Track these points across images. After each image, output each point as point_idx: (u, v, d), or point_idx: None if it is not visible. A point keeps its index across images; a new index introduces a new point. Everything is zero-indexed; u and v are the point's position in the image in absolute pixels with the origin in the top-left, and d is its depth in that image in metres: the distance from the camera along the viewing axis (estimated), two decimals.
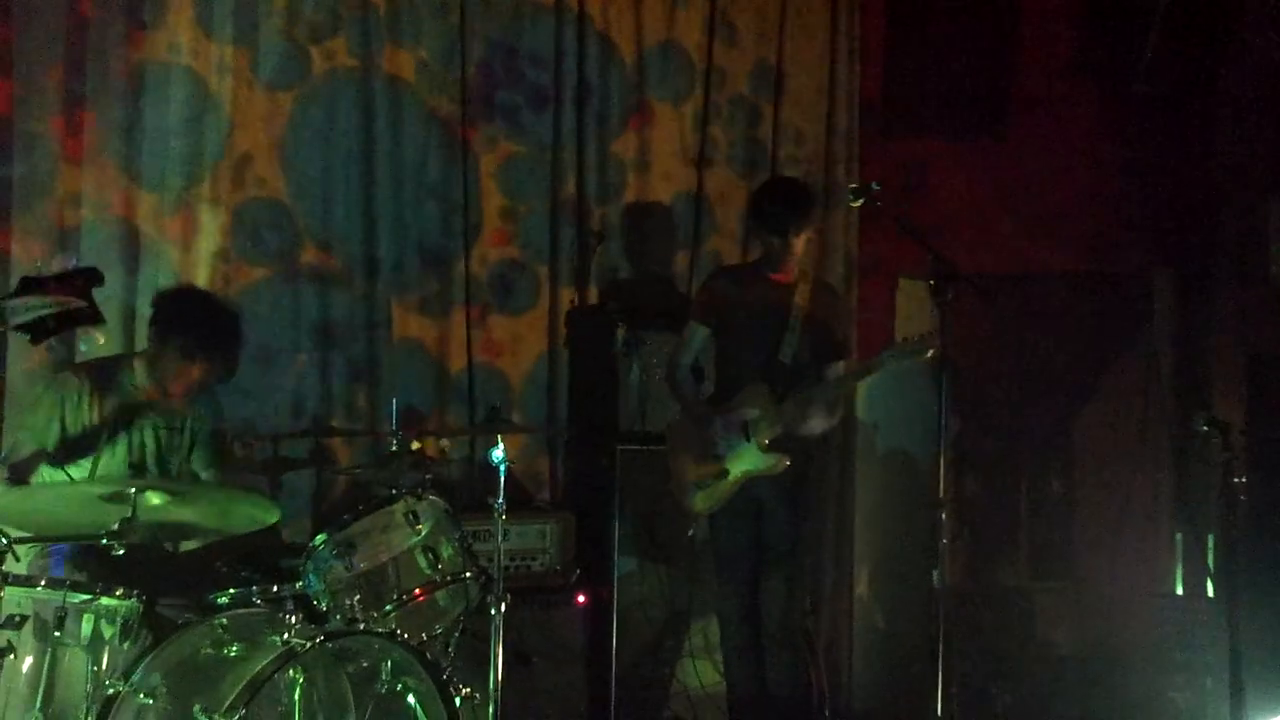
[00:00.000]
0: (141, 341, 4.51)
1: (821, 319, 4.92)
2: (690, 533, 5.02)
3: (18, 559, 3.55)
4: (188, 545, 4.18)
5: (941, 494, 4.14)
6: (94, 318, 2.57)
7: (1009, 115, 6.10)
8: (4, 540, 3.43)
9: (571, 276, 5.58)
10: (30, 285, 2.52)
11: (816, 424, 4.87)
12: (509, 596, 4.18)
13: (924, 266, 4.30)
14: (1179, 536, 5.75)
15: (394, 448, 4.31)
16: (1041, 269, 6.01)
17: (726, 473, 4.81)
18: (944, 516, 4.14)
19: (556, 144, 5.54)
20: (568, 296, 5.56)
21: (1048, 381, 6.10)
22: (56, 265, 2.58)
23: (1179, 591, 5.69)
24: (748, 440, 4.79)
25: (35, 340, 2.56)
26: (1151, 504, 5.99)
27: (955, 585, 5.92)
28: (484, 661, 4.14)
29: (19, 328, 2.51)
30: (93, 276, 2.57)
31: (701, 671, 5.36)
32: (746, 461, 4.80)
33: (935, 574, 4.16)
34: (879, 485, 6.12)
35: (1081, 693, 5.46)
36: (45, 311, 2.52)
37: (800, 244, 4.91)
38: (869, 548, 6.09)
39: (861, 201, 4.43)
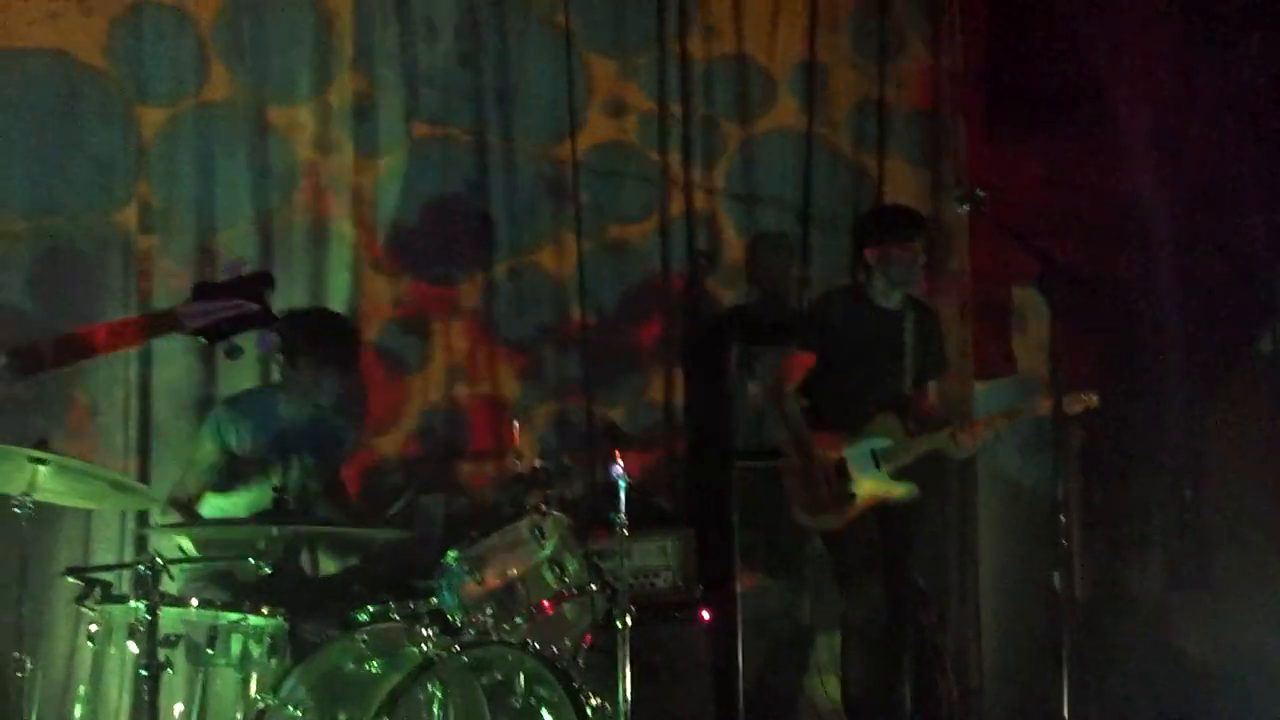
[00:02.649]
0: None
1: (925, 341, 5.24)
2: (814, 546, 5.22)
3: (172, 578, 3.89)
4: (327, 567, 4.52)
5: (1060, 496, 4.29)
6: (267, 319, 2.78)
7: (1114, 112, 6.19)
8: (159, 562, 3.77)
9: (683, 293, 5.83)
10: (204, 291, 2.76)
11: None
12: (634, 610, 4.40)
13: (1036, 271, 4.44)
14: None
15: (518, 467, 4.60)
16: (1158, 269, 6.08)
17: (853, 497, 5.03)
18: (1062, 519, 4.28)
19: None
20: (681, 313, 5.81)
21: (1172, 385, 6.16)
22: (228, 270, 2.79)
23: None
24: (877, 468, 5.03)
25: (211, 342, 2.75)
26: None
27: (1088, 596, 6.02)
28: (611, 677, 4.36)
29: (196, 332, 2.72)
30: (263, 279, 2.80)
31: (828, 685, 5.51)
32: (875, 488, 5.04)
33: (1056, 577, 4.29)
34: (1003, 496, 6.23)
35: (1223, 702, 5.49)
36: (219, 315, 2.73)
37: (921, 257, 5.15)
38: (995, 558, 6.19)
39: (967, 207, 4.62)
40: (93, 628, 3.97)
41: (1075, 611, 5.73)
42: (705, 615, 5.20)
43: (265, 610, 4.00)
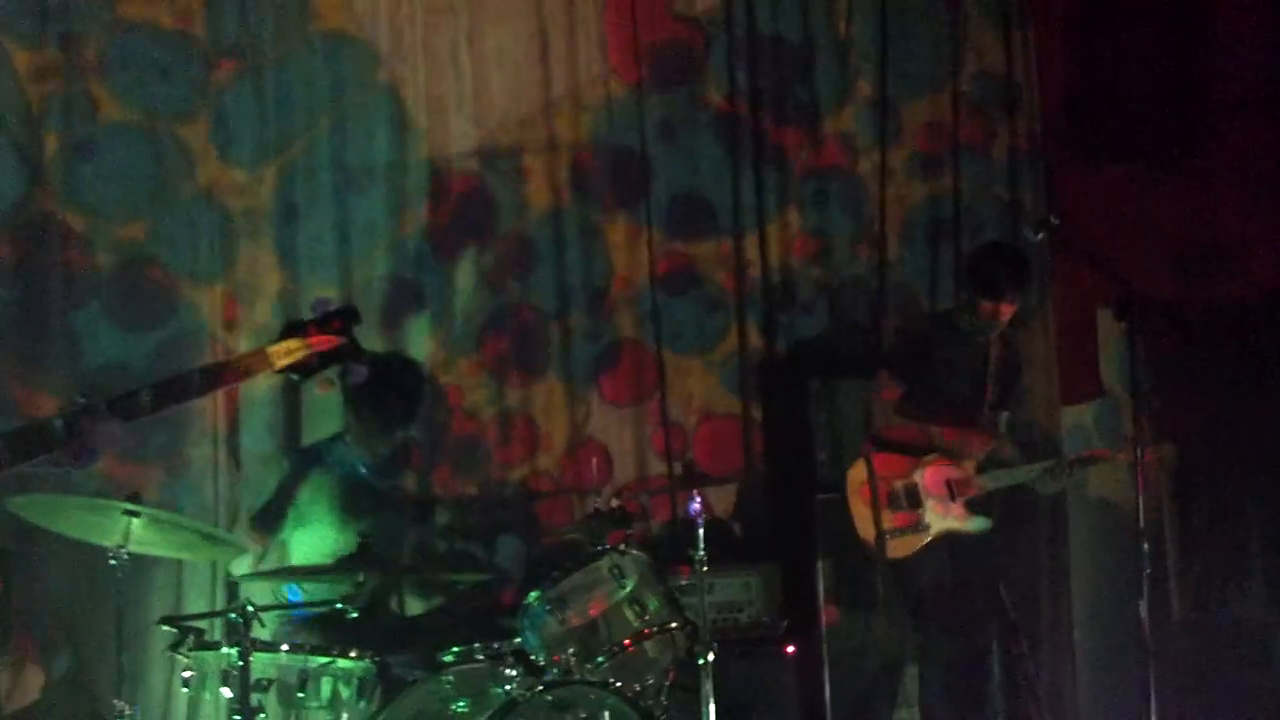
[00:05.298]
0: None
1: (1007, 372, 5.27)
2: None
3: (263, 625, 4.08)
4: (413, 608, 4.70)
5: (1141, 523, 4.32)
6: (356, 354, 2.94)
7: (1205, 134, 6.19)
8: (251, 608, 3.97)
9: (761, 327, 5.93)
10: (293, 329, 2.94)
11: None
12: (716, 646, 4.50)
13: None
14: None
15: (596, 506, 4.74)
16: (1246, 294, 6.07)
17: (927, 527, 5.08)
18: (1146, 546, 4.32)
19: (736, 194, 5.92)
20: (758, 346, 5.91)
21: (1267, 404, 6.14)
22: (316, 308, 2.97)
23: None
24: (952, 499, 5.07)
25: (304, 379, 2.92)
26: None
27: (1187, 618, 6.01)
28: (695, 713, 4.45)
29: (287, 370, 2.89)
30: (350, 315, 2.96)
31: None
32: (949, 521, 5.08)
33: (1142, 605, 4.33)
34: (1094, 521, 6.24)
35: None
36: (309, 351, 2.90)
37: (1010, 312, 5.14)
38: (1087, 585, 6.21)
39: (1042, 235, 4.66)
40: (187, 674, 4.15)
41: (1173, 636, 5.75)
42: (790, 649, 5.29)
43: (354, 653, 4.17)
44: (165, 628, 4.19)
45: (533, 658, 4.36)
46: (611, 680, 4.25)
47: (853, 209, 6.08)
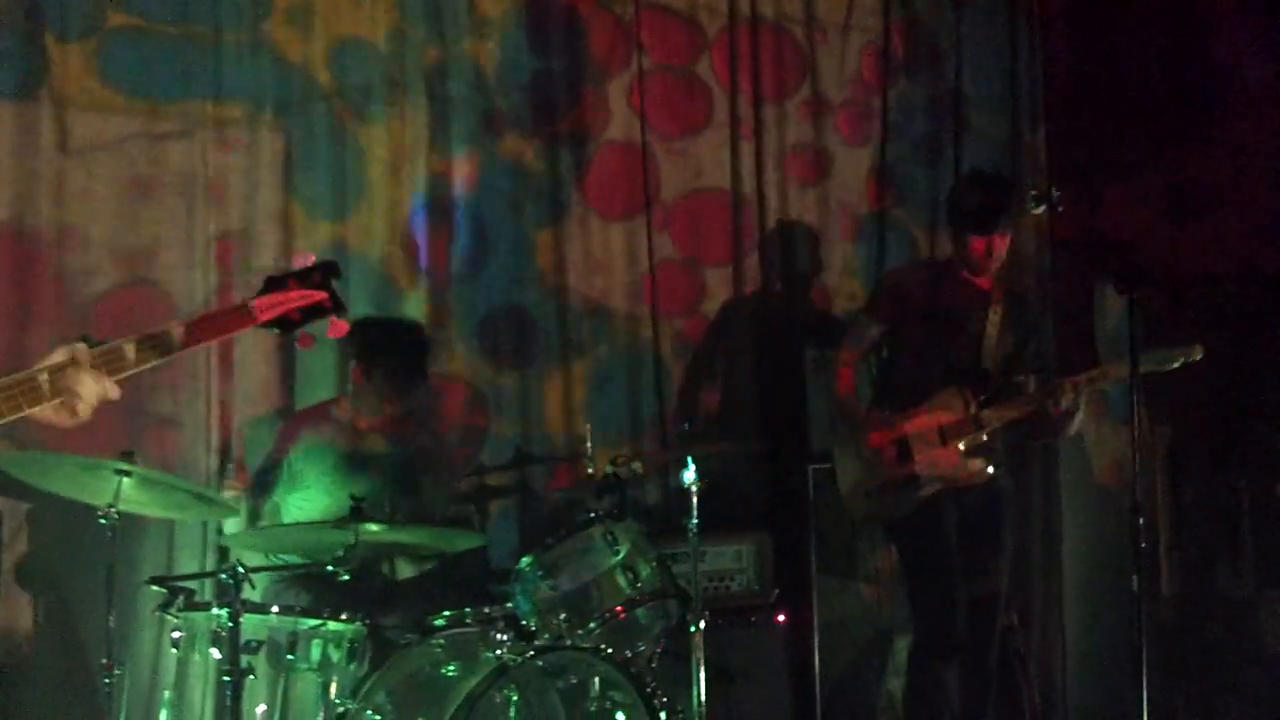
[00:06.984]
0: None
1: (1015, 330, 4.99)
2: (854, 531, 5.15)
3: (254, 586, 4.06)
4: (405, 571, 4.68)
5: (1136, 498, 4.30)
6: (336, 308, 2.89)
7: (1205, 106, 6.17)
8: (241, 569, 3.95)
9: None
10: (272, 284, 2.88)
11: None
12: (707, 614, 4.50)
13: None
14: None
15: (590, 472, 4.72)
16: (1249, 269, 6.06)
17: (917, 479, 4.85)
18: (1141, 522, 4.30)
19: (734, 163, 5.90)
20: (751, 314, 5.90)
21: (1264, 382, 6.14)
22: (296, 262, 2.92)
23: None
24: (943, 444, 4.83)
25: (285, 333, 2.88)
26: None
27: (1175, 596, 6.02)
28: (685, 681, 4.48)
29: (269, 324, 2.84)
30: (330, 269, 2.91)
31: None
32: (942, 469, 4.81)
33: (1135, 580, 4.31)
34: (1088, 494, 6.24)
35: None
36: (290, 306, 2.84)
37: (1004, 246, 4.85)
38: (1080, 560, 6.21)
39: (1043, 208, 4.60)
40: (176, 634, 4.14)
41: (1162, 612, 5.76)
42: (781, 618, 5.29)
43: (344, 616, 4.17)
44: (155, 588, 4.17)
45: (524, 623, 4.36)
46: (603, 646, 4.25)
47: None
